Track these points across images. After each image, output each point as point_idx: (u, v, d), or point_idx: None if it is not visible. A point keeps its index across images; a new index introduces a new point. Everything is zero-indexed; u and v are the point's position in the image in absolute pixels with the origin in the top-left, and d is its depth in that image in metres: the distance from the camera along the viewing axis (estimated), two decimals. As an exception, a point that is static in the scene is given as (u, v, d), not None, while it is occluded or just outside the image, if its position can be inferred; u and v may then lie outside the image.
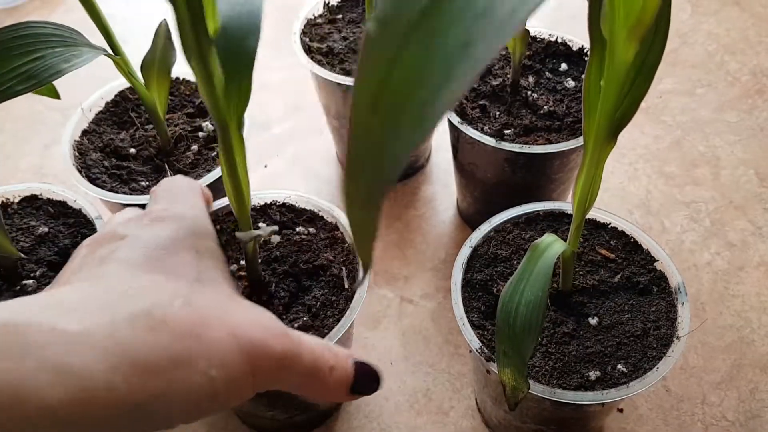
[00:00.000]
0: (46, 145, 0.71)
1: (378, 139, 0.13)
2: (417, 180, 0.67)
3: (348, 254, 0.43)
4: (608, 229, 0.46)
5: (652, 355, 0.39)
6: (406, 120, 0.13)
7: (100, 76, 0.59)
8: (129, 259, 0.27)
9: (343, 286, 0.42)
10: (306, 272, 0.42)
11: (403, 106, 0.13)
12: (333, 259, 0.43)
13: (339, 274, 0.42)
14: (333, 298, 0.41)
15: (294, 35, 0.61)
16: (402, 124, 0.13)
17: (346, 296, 0.41)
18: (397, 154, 0.13)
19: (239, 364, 0.25)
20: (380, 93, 0.13)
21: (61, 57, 0.41)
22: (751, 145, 0.68)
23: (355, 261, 0.43)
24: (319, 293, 0.41)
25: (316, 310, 0.40)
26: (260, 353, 0.26)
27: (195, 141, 0.53)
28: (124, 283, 0.26)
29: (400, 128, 0.13)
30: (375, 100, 0.13)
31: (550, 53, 0.58)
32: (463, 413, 0.50)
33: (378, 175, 0.13)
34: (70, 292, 0.25)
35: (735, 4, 0.84)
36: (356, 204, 0.14)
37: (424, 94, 0.13)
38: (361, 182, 0.14)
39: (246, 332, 0.26)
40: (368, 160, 0.13)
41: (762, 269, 0.58)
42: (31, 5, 0.89)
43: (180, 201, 0.33)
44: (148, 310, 0.24)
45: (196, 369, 0.24)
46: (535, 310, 0.34)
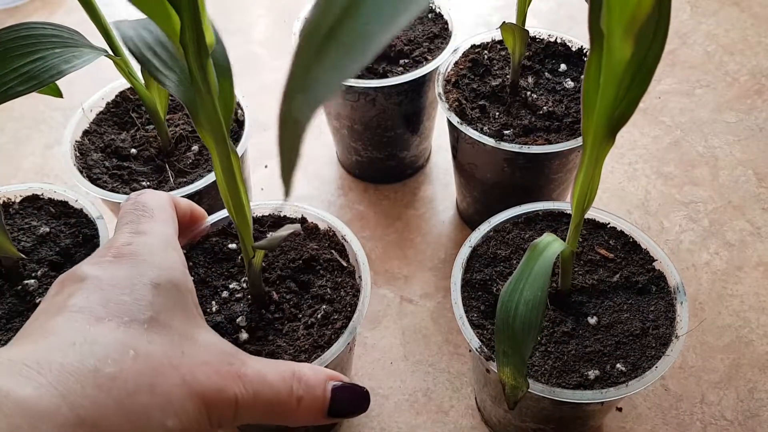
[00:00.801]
0: (47, 145, 0.72)
1: (318, 71, 0.15)
2: (417, 180, 0.68)
3: (331, 238, 0.44)
4: (607, 229, 0.46)
5: (651, 355, 0.39)
6: (350, 56, 0.14)
7: (101, 77, 0.59)
8: (83, 308, 0.27)
9: (342, 266, 0.42)
10: (299, 269, 0.42)
11: (350, 44, 0.15)
12: (318, 247, 0.43)
13: (332, 256, 0.43)
14: (339, 279, 0.42)
15: (294, 36, 0.61)
16: (345, 59, 0.15)
17: (349, 271, 0.42)
18: (331, 84, 0.15)
19: (194, 411, 0.26)
20: (332, 31, 0.15)
21: (62, 58, 0.42)
22: (750, 145, 0.68)
23: (340, 242, 0.44)
24: (323, 281, 0.42)
25: (329, 296, 0.41)
26: (214, 398, 0.27)
27: (196, 141, 0.54)
28: (74, 336, 0.25)
29: (342, 63, 0.15)
30: (326, 37, 0.15)
31: (550, 54, 0.58)
32: (463, 412, 0.50)
33: (310, 102, 0.15)
34: (27, 351, 0.25)
35: (734, 5, 0.84)
36: (286, 124, 0.15)
37: (373, 32, 0.14)
38: (295, 103, 0.15)
39: (199, 379, 0.27)
40: (305, 89, 0.15)
41: (760, 269, 0.58)
42: (32, 6, 0.89)
43: (145, 227, 0.32)
44: (98, 368, 0.24)
45: (152, 422, 0.24)
46: (534, 309, 0.34)
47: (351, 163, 0.67)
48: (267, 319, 0.40)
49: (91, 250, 0.46)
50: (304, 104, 0.15)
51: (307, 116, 0.15)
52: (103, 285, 0.28)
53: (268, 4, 0.89)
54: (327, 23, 0.15)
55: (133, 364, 0.25)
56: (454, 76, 0.57)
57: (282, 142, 0.15)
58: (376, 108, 0.59)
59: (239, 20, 0.86)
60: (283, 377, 0.29)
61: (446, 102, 0.54)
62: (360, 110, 0.59)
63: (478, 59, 0.58)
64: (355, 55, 0.14)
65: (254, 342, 0.39)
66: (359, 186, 0.67)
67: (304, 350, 0.38)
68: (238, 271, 0.42)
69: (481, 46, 0.59)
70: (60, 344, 0.25)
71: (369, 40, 0.14)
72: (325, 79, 0.15)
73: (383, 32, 0.14)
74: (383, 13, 0.14)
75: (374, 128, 0.61)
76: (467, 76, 0.57)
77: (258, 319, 0.39)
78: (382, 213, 0.64)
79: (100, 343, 0.25)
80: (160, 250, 0.31)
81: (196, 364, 0.27)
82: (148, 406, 0.25)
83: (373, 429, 0.50)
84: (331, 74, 0.15)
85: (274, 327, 0.39)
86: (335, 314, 0.40)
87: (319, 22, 0.15)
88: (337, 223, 0.44)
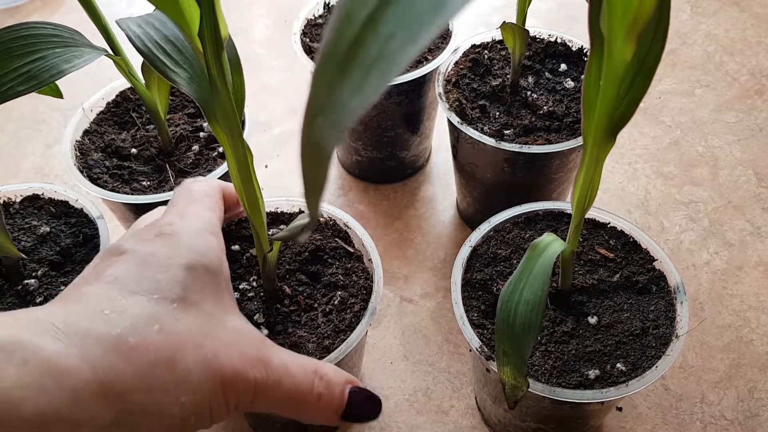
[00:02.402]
0: (48, 145, 0.72)
1: (340, 93, 0.14)
2: (417, 180, 0.68)
3: (333, 227, 0.44)
4: (607, 229, 0.46)
5: (651, 354, 0.39)
6: (372, 76, 0.14)
7: (102, 77, 0.60)
8: (117, 279, 0.28)
9: (350, 252, 0.43)
10: (307, 261, 0.43)
11: (372, 64, 0.14)
12: (322, 237, 0.44)
13: (337, 244, 0.43)
14: (348, 265, 0.42)
15: (294, 36, 0.61)
16: (367, 80, 0.14)
17: (357, 256, 0.43)
18: (355, 107, 0.14)
19: (212, 391, 0.26)
20: (352, 51, 0.14)
21: (62, 57, 0.41)
22: (750, 145, 0.68)
23: (343, 230, 0.44)
24: (333, 269, 0.42)
25: (342, 282, 0.41)
26: (234, 380, 0.27)
27: (196, 141, 0.54)
28: (104, 305, 0.26)
29: (365, 85, 0.14)
30: (346, 57, 0.14)
31: (550, 54, 0.58)
32: (463, 412, 0.50)
33: (334, 126, 0.14)
34: (58, 313, 0.25)
35: (734, 5, 0.84)
36: (309, 148, 0.14)
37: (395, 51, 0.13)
38: (316, 126, 0.14)
39: (222, 360, 0.27)
40: (327, 113, 0.14)
41: (760, 269, 0.58)
42: (32, 6, 0.89)
43: (190, 210, 0.33)
44: (122, 336, 0.25)
45: (167, 396, 0.25)
46: (534, 309, 0.34)
47: (351, 163, 0.67)
48: (283, 313, 0.40)
49: (92, 249, 0.46)
50: (327, 127, 0.14)
51: (332, 140, 0.14)
52: (140, 261, 0.29)
53: (268, 4, 0.89)
54: (347, 40, 0.14)
55: (157, 337, 0.26)
56: (454, 75, 0.57)
57: (305, 167, 0.15)
58: (376, 108, 0.59)
59: (239, 20, 0.86)
60: (306, 372, 0.30)
61: (446, 102, 0.54)
62: (360, 110, 0.59)
63: (479, 59, 0.58)
64: (379, 75, 0.14)
65: (275, 336, 0.39)
66: (359, 186, 0.67)
67: (327, 336, 0.39)
68: (246, 272, 0.43)
69: (481, 45, 0.59)
70: (89, 310, 0.26)
71: (392, 58, 0.13)
72: (349, 101, 0.14)
73: (407, 49, 0.13)
74: (406, 28, 0.13)
75: (374, 128, 0.61)
76: (467, 75, 0.57)
77: (275, 314, 0.40)
78: (382, 213, 0.64)
79: (127, 314, 0.26)
80: (200, 233, 0.32)
81: (221, 346, 0.27)
82: (166, 380, 0.25)
83: (373, 428, 0.50)
84: (355, 96, 0.14)
85: (292, 319, 0.40)
86: (351, 298, 0.40)
87: (338, 38, 0.14)
88: (336, 212, 0.44)
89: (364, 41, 0.14)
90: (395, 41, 0.13)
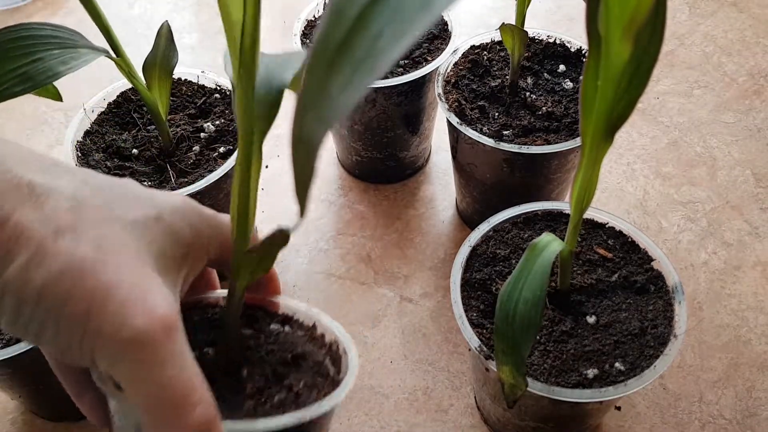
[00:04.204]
0: (49, 146, 0.72)
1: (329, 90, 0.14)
2: (417, 180, 0.68)
3: (330, 346, 0.35)
4: (606, 229, 0.46)
5: (650, 354, 0.39)
6: (360, 74, 0.14)
7: (103, 77, 0.60)
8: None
9: (329, 375, 0.34)
10: (283, 361, 0.34)
11: (360, 61, 0.14)
12: (314, 348, 0.35)
13: (323, 361, 0.35)
14: (318, 382, 0.33)
15: (294, 36, 0.62)
16: (355, 78, 0.14)
17: (333, 382, 0.33)
18: (343, 104, 0.14)
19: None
20: (342, 48, 0.15)
21: (59, 59, 0.42)
22: (748, 145, 0.68)
23: (338, 354, 0.35)
24: (301, 378, 0.33)
25: (299, 390, 0.32)
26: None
27: (197, 142, 0.54)
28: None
29: (353, 82, 0.14)
30: (336, 54, 0.15)
31: (549, 54, 0.59)
32: (463, 411, 0.50)
33: (322, 122, 0.14)
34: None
35: (732, 6, 0.84)
36: (299, 143, 0.15)
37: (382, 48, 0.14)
38: (306, 122, 0.15)
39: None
40: (317, 109, 0.15)
41: (758, 269, 0.58)
42: (33, 6, 0.89)
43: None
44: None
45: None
46: (533, 308, 0.34)
47: (351, 163, 0.67)
48: (227, 383, 0.31)
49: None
50: (316, 122, 0.14)
51: (320, 135, 0.14)
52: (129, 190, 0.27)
53: (268, 4, 0.89)
54: (338, 37, 0.15)
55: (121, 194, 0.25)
56: (453, 76, 0.57)
57: (295, 162, 0.15)
58: (376, 108, 0.59)
59: (239, 21, 0.87)
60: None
61: (446, 102, 0.54)
62: (360, 110, 0.59)
63: (478, 60, 0.58)
64: (367, 71, 0.14)
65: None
66: (359, 186, 0.67)
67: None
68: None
69: (480, 47, 0.60)
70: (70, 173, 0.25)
71: (380, 56, 0.14)
72: (338, 97, 0.14)
73: (395, 46, 0.14)
74: (394, 26, 0.14)
75: (374, 128, 0.61)
76: (467, 76, 0.57)
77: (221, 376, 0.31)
78: (382, 213, 0.65)
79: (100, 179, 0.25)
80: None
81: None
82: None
83: (373, 427, 0.50)
84: (344, 91, 0.14)
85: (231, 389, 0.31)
86: (292, 405, 0.31)
87: (329, 36, 0.15)
88: (342, 337, 0.35)
89: (353, 39, 0.14)
90: (383, 39, 0.14)
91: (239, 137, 0.27)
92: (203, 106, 0.57)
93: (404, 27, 0.14)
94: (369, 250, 0.61)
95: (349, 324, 0.56)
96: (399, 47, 0.14)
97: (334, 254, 0.61)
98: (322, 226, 0.64)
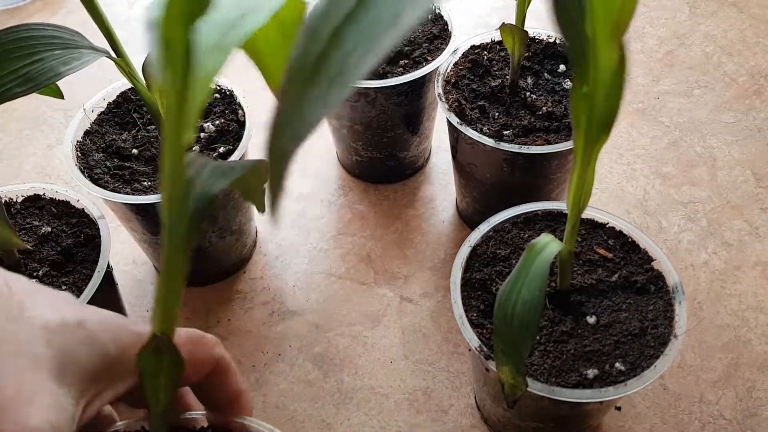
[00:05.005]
0: (49, 146, 0.72)
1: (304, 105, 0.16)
2: (417, 180, 0.68)
3: None
4: (606, 229, 0.46)
5: (650, 354, 0.39)
6: (333, 89, 0.15)
7: (103, 77, 0.60)
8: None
9: None
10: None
11: (334, 77, 0.15)
12: None
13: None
14: None
15: (294, 36, 0.61)
16: (329, 93, 0.15)
17: None
18: (316, 117, 0.15)
19: None
20: (317, 65, 0.16)
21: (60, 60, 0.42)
22: (748, 145, 0.68)
23: None
24: None
25: None
26: None
27: (197, 142, 0.54)
28: None
29: (327, 97, 0.15)
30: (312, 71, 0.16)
31: (549, 54, 0.59)
32: (462, 411, 0.50)
33: (297, 135, 0.16)
34: None
35: (732, 6, 0.84)
36: (274, 157, 0.16)
37: (354, 65, 0.15)
38: (283, 137, 0.16)
39: None
40: (293, 122, 0.16)
41: (759, 269, 0.58)
42: (33, 7, 0.89)
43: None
44: None
45: None
46: (532, 308, 0.34)
47: (351, 163, 0.67)
48: None
49: (93, 250, 0.46)
50: (292, 138, 0.16)
51: (293, 148, 0.16)
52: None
53: (268, 4, 0.89)
54: (313, 56, 0.16)
55: None
56: (453, 76, 0.57)
57: (271, 174, 0.16)
58: (376, 108, 0.59)
59: (239, 21, 0.87)
60: None
61: (446, 102, 0.54)
62: (360, 110, 0.59)
63: (478, 60, 0.58)
64: (338, 88, 0.15)
65: None
66: (359, 186, 0.67)
67: None
68: None
69: (480, 46, 0.60)
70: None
71: (351, 72, 0.15)
72: (311, 112, 0.15)
73: (364, 63, 0.15)
74: (366, 43, 0.15)
75: (374, 128, 0.61)
76: (467, 76, 0.57)
77: None
78: (382, 213, 0.65)
79: None
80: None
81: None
82: None
83: (373, 428, 0.50)
84: (315, 107, 0.15)
85: None
86: None
87: (305, 55, 0.16)
88: None
89: (327, 58, 0.16)
90: (353, 56, 0.15)
91: (166, 239, 0.24)
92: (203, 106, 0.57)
93: (375, 44, 0.15)
94: (369, 250, 0.61)
95: (349, 324, 0.56)
96: (368, 63, 0.15)
97: (334, 254, 0.61)
98: (322, 226, 0.64)
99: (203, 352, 0.28)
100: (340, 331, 0.56)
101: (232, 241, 0.57)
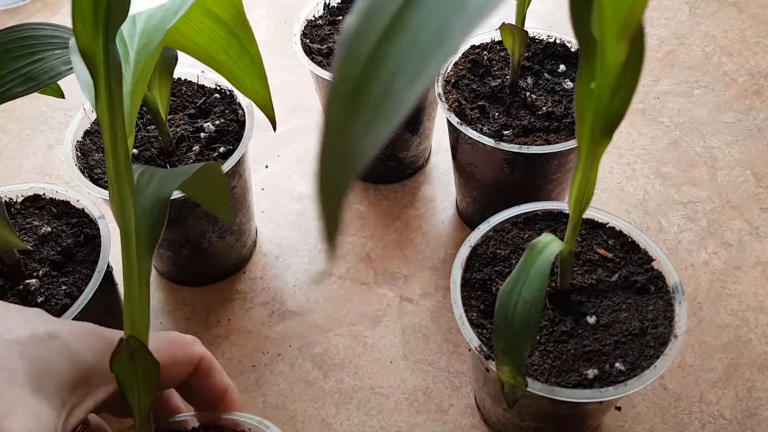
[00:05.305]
0: (49, 146, 0.72)
1: (351, 135, 0.14)
2: (417, 180, 0.68)
3: None
4: (606, 229, 0.46)
5: (650, 354, 0.39)
6: (380, 116, 0.13)
7: (102, 77, 0.60)
8: None
9: None
10: None
11: (379, 103, 0.14)
12: None
13: None
14: None
15: (294, 36, 0.62)
16: (376, 120, 0.14)
17: None
18: (367, 148, 0.14)
19: None
20: (357, 90, 0.14)
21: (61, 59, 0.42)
22: (748, 145, 0.68)
23: None
24: None
25: None
26: None
27: (197, 142, 0.54)
28: None
29: (374, 125, 0.14)
30: (352, 97, 0.14)
31: (549, 54, 0.59)
32: (462, 411, 0.50)
33: (347, 168, 0.14)
34: None
35: (732, 6, 0.84)
36: (326, 195, 0.14)
37: (400, 88, 0.13)
38: (331, 176, 0.14)
39: None
40: (340, 155, 0.14)
41: (759, 269, 0.58)
42: (33, 7, 0.89)
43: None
44: None
45: None
46: (532, 308, 0.34)
47: (351, 163, 0.67)
48: None
49: (93, 250, 0.46)
50: (341, 170, 0.14)
51: (347, 182, 0.14)
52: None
53: (268, 4, 0.89)
54: (352, 79, 0.14)
55: None
56: (453, 76, 0.57)
57: (324, 207, 0.15)
58: (376, 108, 0.59)
59: (239, 21, 0.87)
60: None
61: (446, 102, 0.54)
62: (360, 111, 0.59)
63: (478, 60, 0.58)
64: (388, 112, 0.13)
65: None
66: (359, 186, 0.67)
67: None
68: None
69: (480, 46, 0.60)
70: None
71: (400, 95, 0.13)
72: (361, 142, 0.14)
73: (413, 85, 0.13)
74: (410, 63, 0.13)
75: (374, 128, 0.61)
76: (467, 76, 0.57)
77: None
78: (382, 213, 0.65)
79: None
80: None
81: None
82: None
83: (373, 428, 0.50)
84: (366, 136, 0.14)
85: None
86: None
87: (343, 78, 0.14)
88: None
89: (369, 80, 0.14)
90: (399, 77, 0.13)
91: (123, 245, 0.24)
92: (203, 106, 0.57)
93: (420, 63, 0.13)
94: (369, 250, 0.61)
95: (349, 324, 0.56)
96: (418, 85, 0.13)
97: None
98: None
99: (182, 352, 0.28)
100: (340, 331, 0.56)
101: (232, 241, 0.57)
